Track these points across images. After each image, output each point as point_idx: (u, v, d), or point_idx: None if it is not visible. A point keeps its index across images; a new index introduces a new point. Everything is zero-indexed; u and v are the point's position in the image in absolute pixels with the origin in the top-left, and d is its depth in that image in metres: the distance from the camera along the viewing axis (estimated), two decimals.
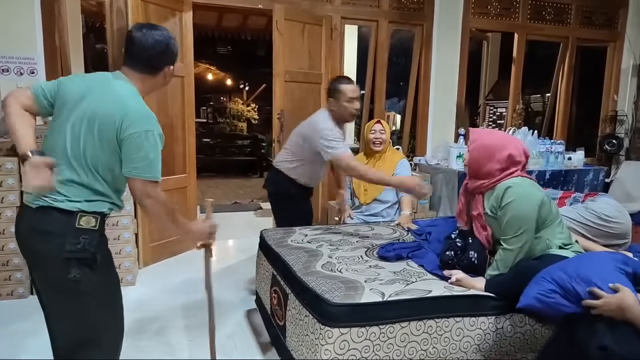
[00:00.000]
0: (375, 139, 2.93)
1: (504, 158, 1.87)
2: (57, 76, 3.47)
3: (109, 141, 1.37)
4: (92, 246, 1.38)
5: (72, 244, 1.35)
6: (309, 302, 1.74)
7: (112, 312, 1.50)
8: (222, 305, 2.77)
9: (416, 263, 2.07)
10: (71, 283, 1.36)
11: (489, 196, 1.91)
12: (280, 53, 3.64)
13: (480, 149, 1.91)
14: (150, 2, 3.24)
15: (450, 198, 3.79)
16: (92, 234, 1.39)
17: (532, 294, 1.60)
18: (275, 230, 2.60)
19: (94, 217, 1.39)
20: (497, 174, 1.88)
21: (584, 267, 1.54)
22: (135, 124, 1.36)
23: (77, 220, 1.36)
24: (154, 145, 1.39)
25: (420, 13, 4.37)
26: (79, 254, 1.36)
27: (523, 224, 1.79)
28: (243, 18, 7.38)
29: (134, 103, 1.41)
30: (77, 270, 1.36)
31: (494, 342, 1.78)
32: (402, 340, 1.67)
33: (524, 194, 1.82)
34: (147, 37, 1.46)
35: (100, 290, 1.43)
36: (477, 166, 1.92)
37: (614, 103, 5.13)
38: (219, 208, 5.80)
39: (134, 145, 1.36)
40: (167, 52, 1.49)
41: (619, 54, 5.04)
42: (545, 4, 4.76)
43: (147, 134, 1.37)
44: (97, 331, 1.44)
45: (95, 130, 1.37)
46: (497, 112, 6.25)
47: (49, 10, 3.30)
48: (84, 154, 1.37)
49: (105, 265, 1.47)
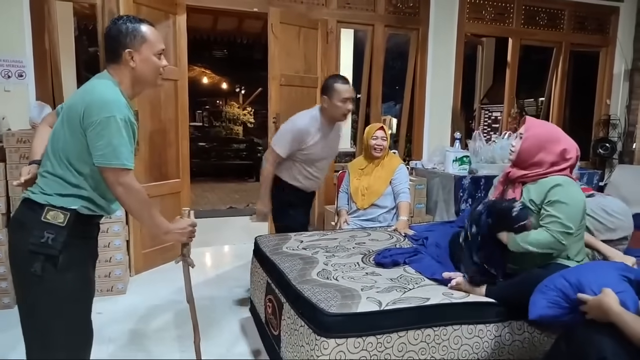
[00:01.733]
0: (377, 145, 2.89)
1: (558, 152, 1.85)
2: (46, 80, 3.45)
3: (77, 132, 1.37)
4: (56, 243, 1.35)
5: (35, 237, 1.34)
6: (305, 312, 1.70)
7: (71, 325, 1.43)
8: (215, 313, 2.72)
9: (413, 269, 2.04)
10: (34, 278, 1.35)
11: (530, 188, 1.88)
12: (275, 56, 3.61)
13: (534, 138, 1.88)
14: (142, 5, 3.20)
15: (447, 202, 3.77)
16: (58, 231, 1.36)
17: (542, 304, 1.57)
18: (270, 237, 2.56)
19: (62, 212, 1.37)
20: (546, 167, 1.85)
21: (586, 275, 1.52)
22: (95, 111, 1.34)
23: (44, 213, 1.36)
24: (116, 130, 1.34)
25: (415, 17, 4.37)
26: (42, 249, 1.34)
27: (571, 224, 1.76)
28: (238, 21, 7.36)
29: (99, 92, 1.38)
30: (40, 265, 1.34)
31: (492, 351, 1.76)
32: (399, 350, 1.63)
33: (574, 196, 1.80)
34: (107, 29, 1.49)
35: (64, 295, 1.39)
36: (527, 155, 1.88)
37: (606, 107, 5.16)
38: (214, 213, 5.75)
39: (95, 133, 1.34)
40: (118, 37, 1.44)
41: (611, 59, 5.08)
42: (538, 10, 4.79)
43: (108, 120, 1.33)
44: (52, 338, 1.41)
45: (65, 123, 1.40)
46: (492, 116, 6.26)
47: (39, 12, 3.25)
48: (59, 147, 1.40)
49: (78, 274, 1.42)
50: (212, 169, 8.81)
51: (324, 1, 4.05)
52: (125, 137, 1.37)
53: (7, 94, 3.23)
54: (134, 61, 1.45)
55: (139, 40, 1.45)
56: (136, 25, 1.46)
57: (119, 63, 1.46)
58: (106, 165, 1.36)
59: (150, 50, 1.47)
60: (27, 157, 2.72)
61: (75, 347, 1.47)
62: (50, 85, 3.43)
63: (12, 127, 3.00)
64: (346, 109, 2.53)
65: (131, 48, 1.44)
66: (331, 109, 2.54)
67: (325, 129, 2.60)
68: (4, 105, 3.15)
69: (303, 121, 2.56)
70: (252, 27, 7.54)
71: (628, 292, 1.43)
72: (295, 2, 3.96)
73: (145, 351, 2.32)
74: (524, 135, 1.91)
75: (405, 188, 2.87)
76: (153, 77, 1.52)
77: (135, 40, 1.45)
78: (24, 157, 2.72)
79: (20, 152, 2.72)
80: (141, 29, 1.46)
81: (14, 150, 2.71)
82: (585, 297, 1.44)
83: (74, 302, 1.44)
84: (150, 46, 1.47)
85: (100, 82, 1.43)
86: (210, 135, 10.35)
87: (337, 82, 2.53)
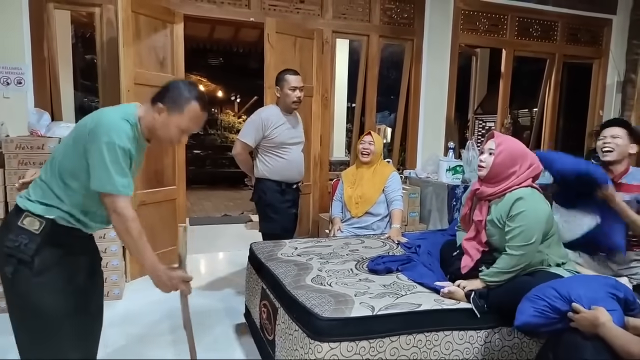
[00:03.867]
0: (364, 149, 2.97)
1: (527, 165, 1.88)
2: (45, 87, 3.48)
3: (80, 150, 1.40)
4: (28, 249, 1.37)
5: (10, 241, 1.38)
6: (299, 317, 1.72)
7: (49, 337, 1.41)
8: (210, 319, 2.73)
9: (406, 276, 2.07)
10: (6, 279, 1.40)
11: (496, 204, 1.91)
12: (271, 66, 3.66)
13: (506, 152, 1.88)
14: (141, 14, 3.24)
15: (440, 211, 3.80)
16: (32, 237, 1.38)
17: (529, 312, 1.59)
18: (265, 244, 2.58)
19: (38, 220, 1.40)
20: (514, 179, 1.87)
21: (577, 289, 1.55)
22: (97, 135, 1.36)
23: (22, 218, 1.40)
24: (114, 157, 1.36)
25: (410, 28, 4.44)
26: (14, 252, 1.38)
27: (531, 235, 1.79)
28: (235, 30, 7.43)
29: (106, 117, 1.41)
30: (11, 268, 1.38)
31: (482, 356, 1.78)
32: (391, 355, 1.65)
33: (534, 207, 1.82)
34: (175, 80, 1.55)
35: (32, 304, 1.40)
36: (500, 170, 1.88)
37: (599, 118, 5.21)
38: (209, 220, 5.76)
39: (93, 157, 1.37)
40: (169, 90, 1.50)
41: (604, 70, 5.16)
42: (532, 21, 4.87)
43: (107, 145, 1.35)
44: (21, 341, 1.44)
45: (73, 138, 1.44)
46: (486, 127, 6.33)
47: (38, 20, 3.29)
48: (56, 157, 1.45)
49: (51, 281, 1.41)
50: (207, 177, 8.80)
51: (320, 11, 4.12)
52: (121, 164, 1.38)
53: (6, 100, 3.26)
54: (159, 117, 1.49)
55: (177, 109, 1.48)
56: (191, 97, 1.49)
57: (152, 107, 1.49)
58: (101, 190, 1.39)
59: (179, 121, 1.50)
60: (25, 163, 2.75)
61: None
62: (49, 92, 3.46)
63: (10, 133, 3.02)
64: (295, 96, 2.80)
65: (166, 107, 1.48)
66: (283, 97, 2.82)
67: (287, 117, 2.84)
68: (3, 112, 3.18)
69: (264, 111, 2.86)
70: (248, 37, 7.61)
71: (617, 312, 1.48)
72: (291, 12, 4.02)
73: (141, 355, 2.32)
74: (497, 150, 1.89)
75: (398, 195, 2.91)
76: (164, 139, 1.55)
77: (175, 106, 1.48)
78: (23, 163, 2.75)
79: (19, 158, 2.74)
80: (189, 102, 1.49)
81: (12, 156, 2.73)
82: (580, 308, 1.48)
83: (42, 316, 1.41)
84: (182, 121, 1.50)
85: (114, 109, 1.46)
86: (205, 143, 10.34)
87: (286, 73, 2.82)
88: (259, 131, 2.77)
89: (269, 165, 2.82)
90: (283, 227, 2.84)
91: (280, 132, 2.79)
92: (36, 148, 2.77)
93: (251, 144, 2.79)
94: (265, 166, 2.82)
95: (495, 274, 1.84)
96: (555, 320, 1.54)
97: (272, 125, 2.77)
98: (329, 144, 4.62)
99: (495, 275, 1.84)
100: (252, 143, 2.79)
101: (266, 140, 2.78)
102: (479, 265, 1.93)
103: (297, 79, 2.81)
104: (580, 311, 1.47)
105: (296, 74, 2.83)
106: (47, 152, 2.78)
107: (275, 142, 2.79)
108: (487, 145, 1.95)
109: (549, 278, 1.74)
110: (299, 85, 2.80)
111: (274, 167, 2.81)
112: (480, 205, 1.98)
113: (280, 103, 2.85)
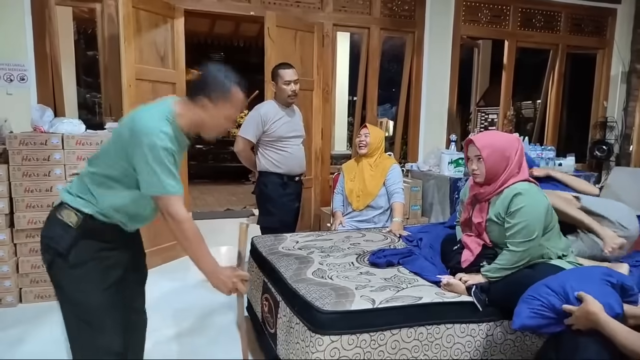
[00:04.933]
0: (360, 142, 2.99)
1: (515, 151, 1.87)
2: (47, 83, 3.49)
3: (121, 154, 1.39)
4: (64, 241, 1.39)
5: (48, 231, 1.43)
6: (300, 310, 1.73)
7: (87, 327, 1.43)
8: (213, 313, 2.75)
9: (407, 269, 2.07)
10: (46, 265, 1.44)
11: (495, 201, 1.90)
12: (272, 60, 3.64)
13: (494, 153, 1.86)
14: (141, 9, 3.24)
15: (442, 204, 3.80)
16: (68, 230, 1.40)
17: (525, 314, 1.58)
18: (267, 237, 2.59)
19: (76, 214, 1.41)
20: (509, 171, 1.85)
21: (570, 282, 1.53)
22: (139, 138, 1.34)
23: (61, 210, 1.42)
24: (158, 158, 1.34)
25: (411, 20, 4.41)
26: (50, 243, 1.41)
27: (532, 231, 1.78)
28: (235, 25, 7.41)
29: (145, 120, 1.37)
30: (49, 256, 1.42)
31: (484, 349, 1.78)
32: (392, 348, 1.66)
33: (533, 201, 1.81)
34: (208, 67, 1.48)
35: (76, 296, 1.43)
36: (496, 169, 1.86)
37: (603, 109, 5.18)
38: (212, 215, 5.78)
39: (139, 161, 1.35)
40: (208, 81, 1.44)
41: (608, 61, 5.10)
42: (535, 12, 4.82)
43: (150, 147, 1.33)
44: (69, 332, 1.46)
45: (114, 141, 1.44)
46: (489, 119, 6.30)
47: (40, 17, 3.29)
48: (100, 157, 1.46)
49: (87, 276, 1.42)
50: (209, 172, 8.81)
51: (320, 5, 4.10)
52: (167, 164, 1.36)
53: (9, 97, 3.28)
54: (204, 111, 1.44)
55: (222, 99, 1.44)
56: (232, 84, 1.45)
57: (194, 101, 1.44)
58: (151, 193, 1.39)
59: (227, 111, 1.47)
60: (29, 159, 2.77)
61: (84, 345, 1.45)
62: (52, 88, 3.48)
63: (14, 129, 3.04)
64: (290, 90, 2.81)
65: (210, 99, 1.43)
66: (279, 92, 2.85)
67: (285, 111, 2.86)
68: (6, 108, 3.20)
69: (262, 107, 2.87)
70: (248, 31, 7.59)
71: (613, 297, 1.46)
72: (292, 5, 4.01)
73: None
74: (483, 153, 1.86)
75: (399, 188, 2.90)
76: (213, 132, 1.52)
77: (219, 96, 1.44)
78: (26, 159, 2.76)
79: (22, 154, 2.76)
80: (232, 90, 1.45)
81: (16, 152, 2.75)
82: (571, 308, 1.45)
83: (79, 307, 1.43)
84: (229, 108, 1.47)
85: (150, 109, 1.42)
86: None
87: (280, 68, 2.84)
88: (259, 126, 2.79)
89: (270, 158, 2.84)
90: (282, 221, 2.86)
91: (279, 127, 2.81)
92: (39, 144, 2.78)
93: (252, 140, 2.82)
94: (266, 159, 2.85)
95: (497, 270, 1.84)
96: (554, 319, 1.52)
97: (271, 119, 2.79)
98: (330, 137, 4.62)
99: (497, 272, 1.84)
100: (252, 139, 2.81)
101: (266, 135, 2.81)
102: (479, 260, 1.93)
103: (291, 73, 2.81)
104: (571, 311, 1.45)
105: (290, 68, 2.84)
106: (50, 148, 2.80)
107: (274, 136, 2.81)
108: (469, 153, 1.93)
109: (550, 271, 1.73)
110: (293, 79, 2.81)
111: (275, 161, 2.84)
112: (479, 207, 1.97)
113: (277, 97, 2.88)
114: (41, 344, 2.34)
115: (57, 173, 2.82)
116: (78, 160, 2.86)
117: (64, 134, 2.84)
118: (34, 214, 2.78)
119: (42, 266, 2.80)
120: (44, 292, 2.85)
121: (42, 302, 2.84)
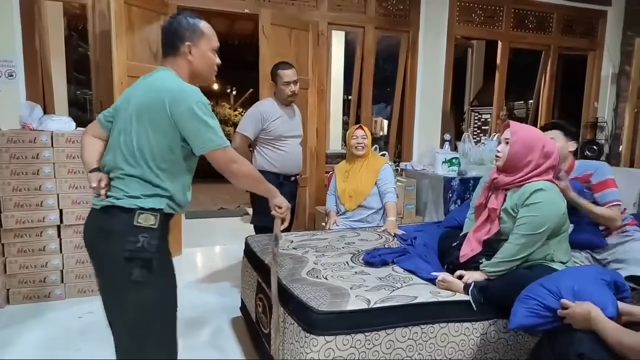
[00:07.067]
0: (357, 144, 2.96)
1: (543, 153, 1.87)
2: (36, 80, 3.44)
3: (163, 127, 1.37)
4: (152, 246, 1.34)
5: (131, 243, 1.32)
6: (294, 310, 1.72)
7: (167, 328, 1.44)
8: (206, 313, 2.73)
9: (401, 267, 2.07)
10: (133, 285, 1.33)
11: (513, 193, 1.90)
12: (266, 58, 3.62)
13: (521, 141, 1.88)
14: (133, 5, 3.20)
15: (436, 203, 3.80)
16: (152, 233, 1.35)
17: (521, 314, 1.58)
18: (261, 237, 2.57)
19: (152, 214, 1.36)
20: (532, 168, 1.86)
21: (565, 282, 1.54)
22: (181, 101, 1.35)
23: (136, 217, 1.34)
24: (208, 113, 1.38)
25: (406, 20, 4.41)
26: (139, 254, 1.32)
27: (539, 225, 1.78)
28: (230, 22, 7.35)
29: (172, 83, 1.40)
30: (139, 271, 1.33)
31: (478, 348, 1.78)
32: (387, 347, 1.66)
33: (552, 200, 1.82)
34: (166, 23, 1.51)
35: (161, 298, 1.40)
36: (516, 159, 1.88)
37: (594, 110, 5.24)
38: (205, 214, 5.75)
39: (191, 121, 1.35)
40: (178, 30, 1.46)
41: (599, 62, 5.16)
42: (527, 13, 4.86)
43: (197, 105, 1.36)
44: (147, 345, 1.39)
45: (145, 122, 1.38)
46: (482, 118, 6.33)
47: (29, 12, 3.24)
48: (138, 148, 1.38)
49: (168, 272, 1.44)
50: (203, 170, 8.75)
51: (315, 3, 4.08)
52: (215, 118, 1.40)
53: None
54: (192, 55, 1.47)
55: (198, 35, 1.47)
56: (195, 20, 1.48)
57: (176, 56, 1.47)
58: (214, 148, 1.39)
59: (207, 45, 1.50)
60: (17, 157, 2.72)
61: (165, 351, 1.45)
62: (41, 85, 3.42)
63: (2, 127, 2.98)
64: (290, 90, 2.82)
65: (190, 42, 1.46)
66: (278, 92, 2.85)
67: (284, 110, 2.86)
68: None
69: (262, 104, 2.89)
70: (243, 29, 7.54)
71: (608, 295, 1.48)
72: (287, 3, 3.99)
73: None
74: (511, 139, 1.90)
75: (391, 188, 2.89)
76: (209, 72, 1.54)
77: (195, 35, 1.47)
78: (15, 157, 2.72)
79: (10, 152, 2.71)
80: (200, 25, 1.49)
81: (4, 150, 2.70)
82: (569, 303, 1.47)
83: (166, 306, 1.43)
84: (208, 41, 1.50)
85: (162, 75, 1.44)
86: None
87: (279, 68, 2.83)
88: (258, 123, 2.79)
89: (267, 157, 2.83)
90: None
91: (278, 125, 2.81)
92: (28, 142, 2.74)
93: (250, 136, 2.82)
94: (263, 158, 2.84)
95: (496, 264, 1.83)
96: (550, 318, 1.53)
97: (270, 117, 2.79)
98: (325, 136, 4.60)
99: (497, 265, 1.83)
100: (251, 135, 2.81)
101: (264, 132, 2.81)
102: (478, 257, 1.93)
103: (290, 73, 2.81)
104: (569, 306, 1.46)
105: (289, 68, 2.83)
106: (39, 146, 2.75)
107: (273, 134, 2.81)
108: (503, 135, 1.95)
109: (547, 273, 1.73)
110: (293, 80, 2.81)
111: (272, 159, 2.83)
112: (496, 194, 1.97)
113: (277, 96, 2.89)
114: (29, 346, 2.30)
115: (46, 171, 2.78)
116: (68, 158, 2.81)
117: (53, 132, 2.79)
118: (22, 213, 2.74)
119: (30, 267, 2.80)
120: (32, 293, 2.81)
121: (30, 303, 2.80)
